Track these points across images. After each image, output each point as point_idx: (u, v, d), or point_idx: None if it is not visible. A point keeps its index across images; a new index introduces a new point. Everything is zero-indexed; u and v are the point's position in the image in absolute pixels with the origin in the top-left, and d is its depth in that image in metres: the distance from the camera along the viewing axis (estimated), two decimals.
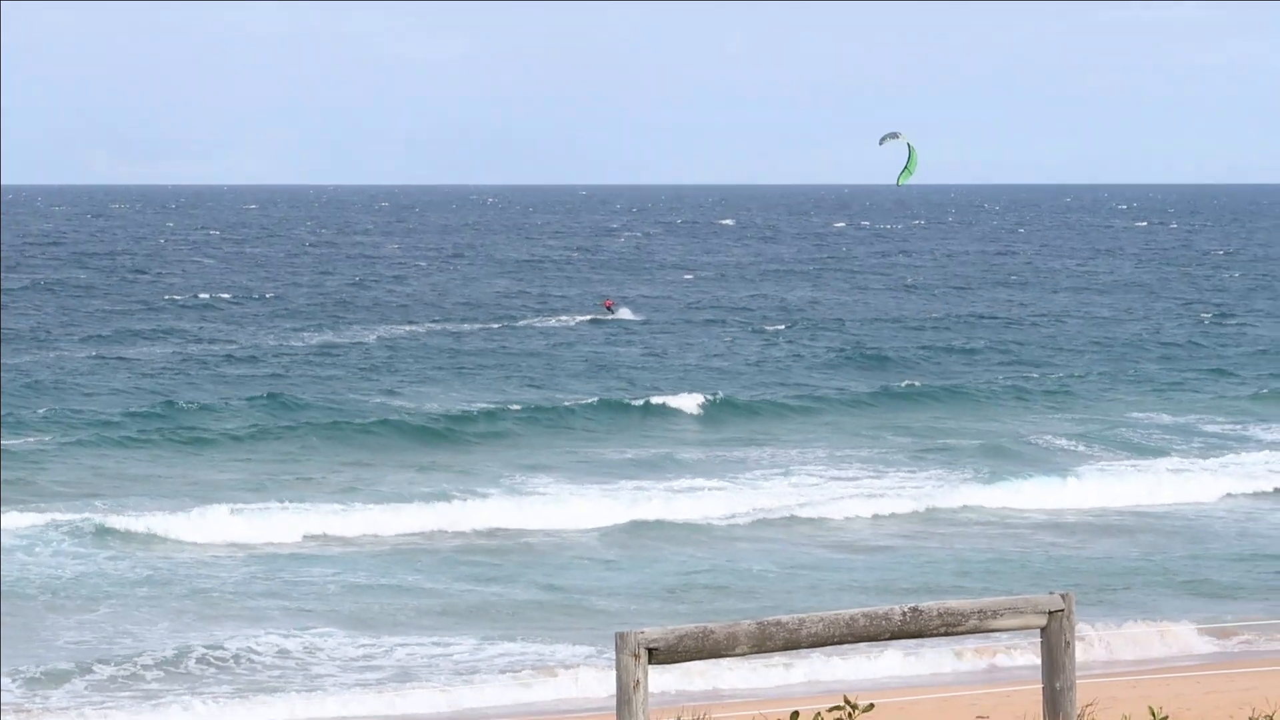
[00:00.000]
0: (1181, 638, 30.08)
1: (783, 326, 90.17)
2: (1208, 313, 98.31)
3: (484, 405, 58.44)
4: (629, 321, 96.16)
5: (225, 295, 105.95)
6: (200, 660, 29.76)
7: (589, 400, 59.74)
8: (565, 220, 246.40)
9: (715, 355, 76.98)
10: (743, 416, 57.89)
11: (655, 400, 59.72)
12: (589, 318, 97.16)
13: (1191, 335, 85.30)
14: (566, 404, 59.01)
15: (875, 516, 41.47)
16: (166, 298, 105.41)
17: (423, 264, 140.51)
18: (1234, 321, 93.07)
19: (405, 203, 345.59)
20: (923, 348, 78.38)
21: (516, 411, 57.22)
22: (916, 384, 64.37)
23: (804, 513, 41.72)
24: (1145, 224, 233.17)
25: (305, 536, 39.04)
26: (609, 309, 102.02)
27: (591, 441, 53.48)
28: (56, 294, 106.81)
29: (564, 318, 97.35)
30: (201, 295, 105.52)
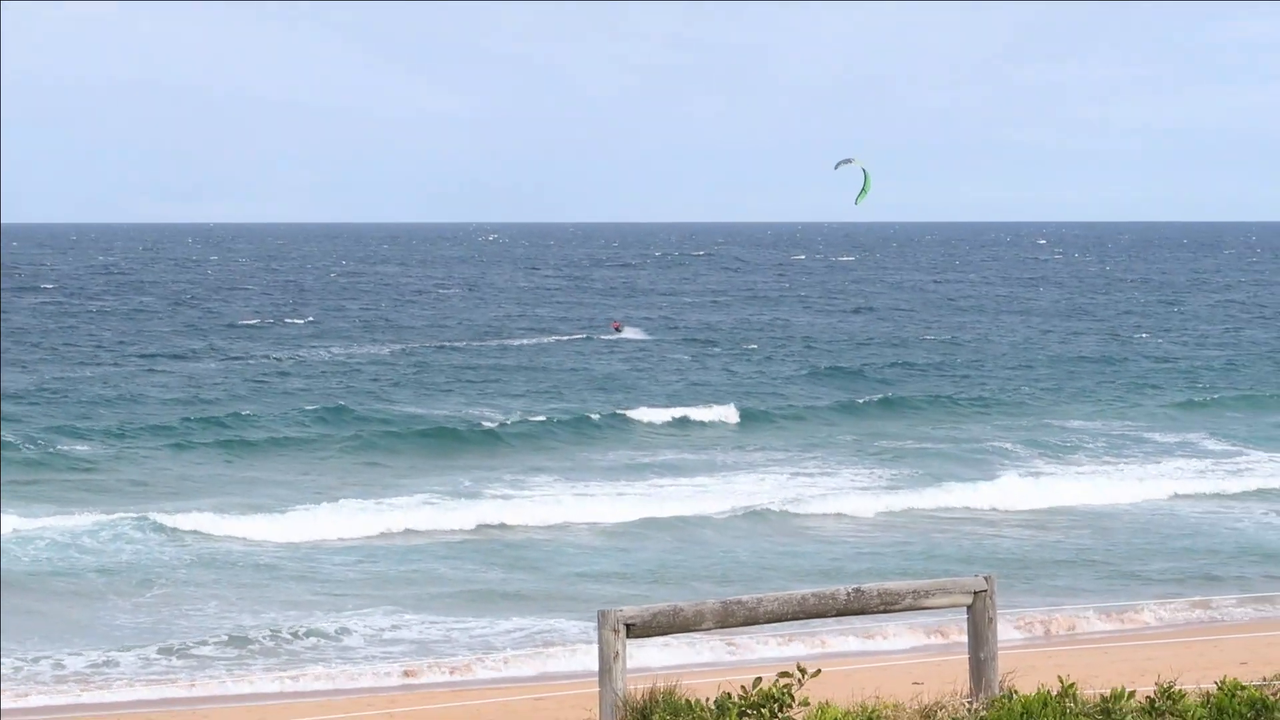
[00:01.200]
0: (1092, 616, 30.09)
1: (754, 346, 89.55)
2: (1123, 330, 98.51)
3: (508, 415, 57.98)
4: (634, 340, 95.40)
5: (269, 319, 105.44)
6: (242, 638, 29.61)
7: (603, 411, 59.19)
8: (560, 252, 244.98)
9: (706, 370, 76.48)
10: (727, 425, 57.64)
11: (657, 411, 59.38)
12: (599, 336, 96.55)
13: (1108, 351, 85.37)
14: (585, 414, 58.48)
15: (834, 514, 41.32)
16: (216, 320, 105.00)
17: (441, 291, 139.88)
18: (1145, 338, 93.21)
19: (413, 238, 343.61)
20: (875, 363, 77.92)
21: (537, 420, 56.80)
22: (874, 397, 63.82)
23: (772, 509, 41.59)
24: (1061, 255, 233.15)
25: (340, 531, 38.73)
26: (616, 329, 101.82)
27: (598, 446, 53.22)
28: (118, 317, 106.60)
29: (577, 336, 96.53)
30: (248, 320, 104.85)
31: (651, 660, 22.04)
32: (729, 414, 59.42)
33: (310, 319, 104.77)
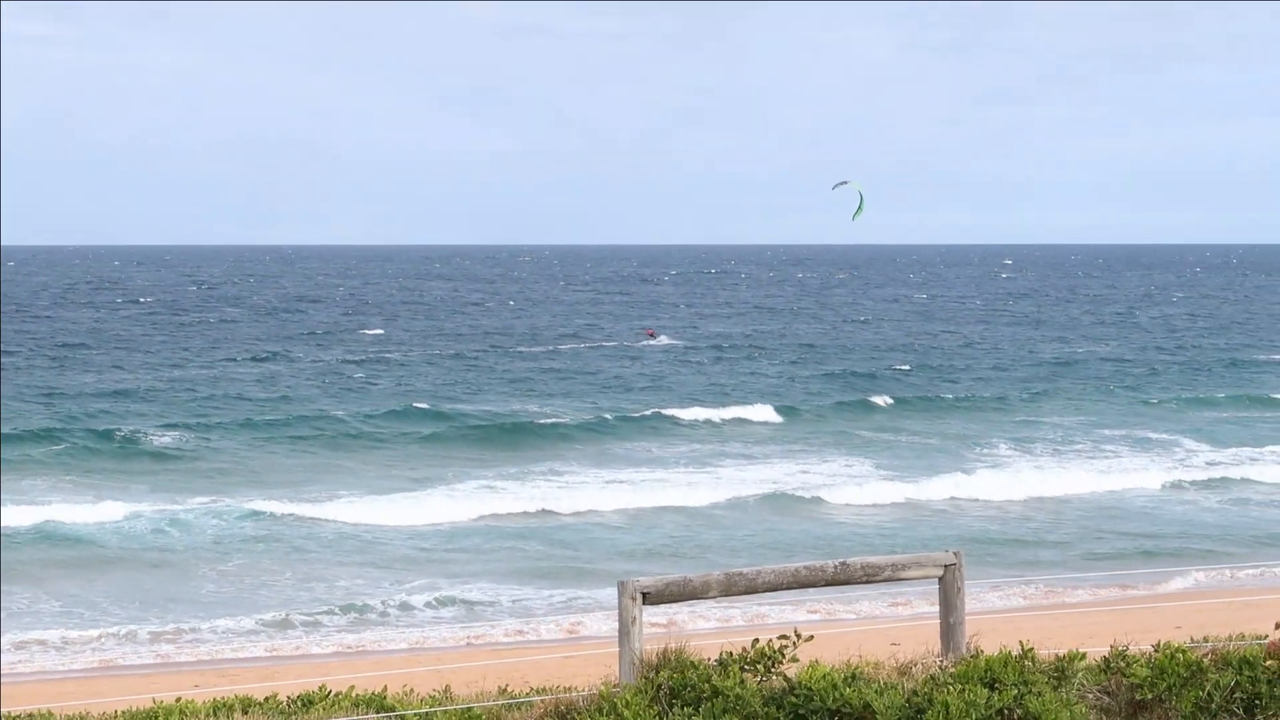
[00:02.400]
0: (1053, 587, 30.09)
1: (773, 351, 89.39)
2: (1081, 338, 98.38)
3: (562, 412, 57.93)
4: (667, 346, 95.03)
5: (342, 328, 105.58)
6: (315, 606, 29.77)
7: (642, 411, 58.71)
8: (592, 270, 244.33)
9: (732, 373, 76.29)
10: (751, 422, 57.28)
11: (697, 410, 58.98)
12: (636, 343, 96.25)
13: (1075, 354, 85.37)
14: (628, 412, 58.24)
15: (832, 500, 41.28)
16: (296, 328, 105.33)
17: (487, 304, 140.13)
18: (1107, 346, 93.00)
19: (457, 257, 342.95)
20: (877, 367, 78.09)
21: (588, 417, 56.64)
22: (875, 398, 63.26)
23: (776, 495, 41.68)
24: (1022, 271, 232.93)
25: (401, 516, 38.45)
26: (651, 336, 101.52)
27: (639, 439, 52.97)
28: (214, 326, 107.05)
29: (615, 343, 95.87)
30: (324, 329, 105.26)
31: (662, 617, 22.21)
32: (760, 412, 58.98)
33: (379, 330, 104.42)
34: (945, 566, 12.09)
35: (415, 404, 60.25)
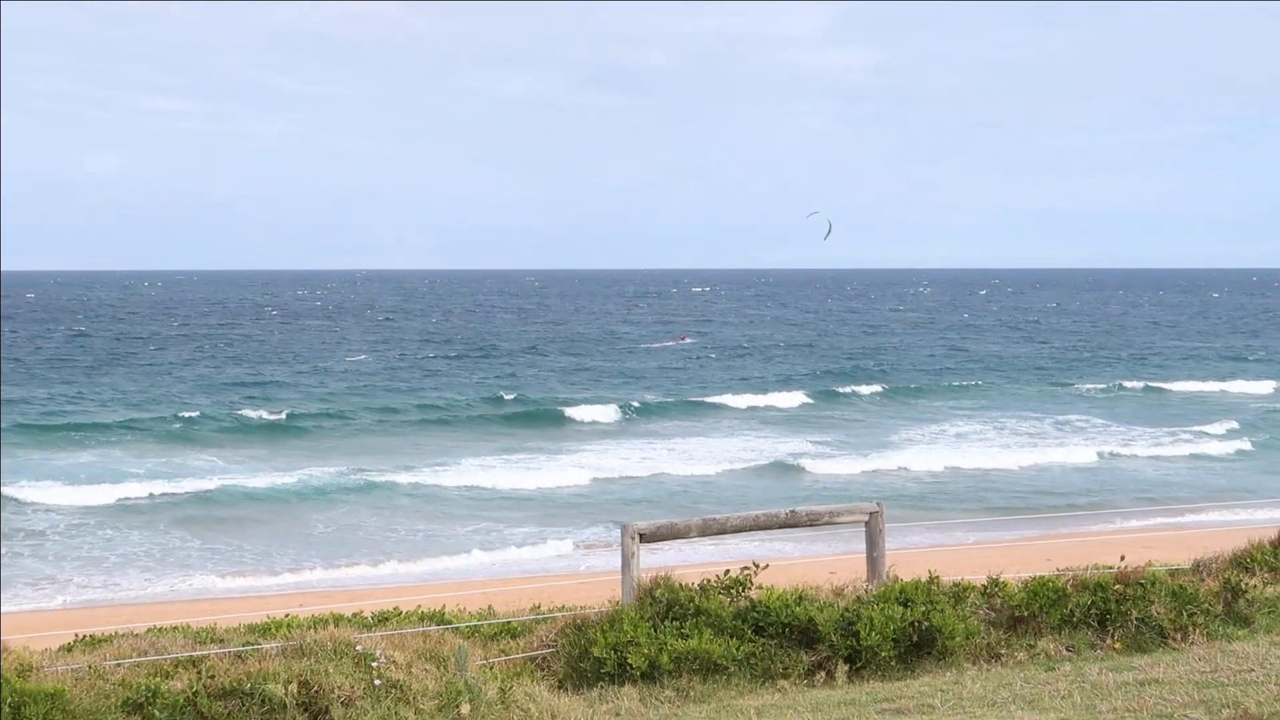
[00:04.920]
0: (953, 530, 30.12)
1: (767, 348, 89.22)
2: (994, 342, 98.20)
3: (615, 401, 56.67)
4: (696, 346, 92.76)
5: (435, 333, 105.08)
6: (391, 543, 30.01)
7: (668, 399, 58.12)
8: (611, 289, 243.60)
9: (756, 368, 75.63)
10: (765, 407, 56.68)
11: (709, 397, 58.62)
12: (669, 344, 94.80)
13: (1007, 353, 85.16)
14: (663, 400, 57.31)
15: (809, 468, 40.88)
16: (397, 333, 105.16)
17: (533, 316, 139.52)
18: (1020, 350, 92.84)
19: (489, 279, 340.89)
20: (846, 366, 77.78)
21: (632, 404, 55.51)
22: (843, 389, 62.79)
23: (754, 464, 41.50)
24: (935, 291, 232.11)
25: (464, 485, 37.73)
26: (682, 340, 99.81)
27: (660, 422, 52.22)
28: (327, 330, 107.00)
29: (654, 345, 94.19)
30: (425, 335, 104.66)
31: (655, 560, 22.24)
32: (775, 399, 58.20)
33: (458, 337, 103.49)
34: (870, 514, 12.18)
35: (502, 394, 59.69)
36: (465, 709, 9.27)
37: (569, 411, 53.56)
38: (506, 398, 58.37)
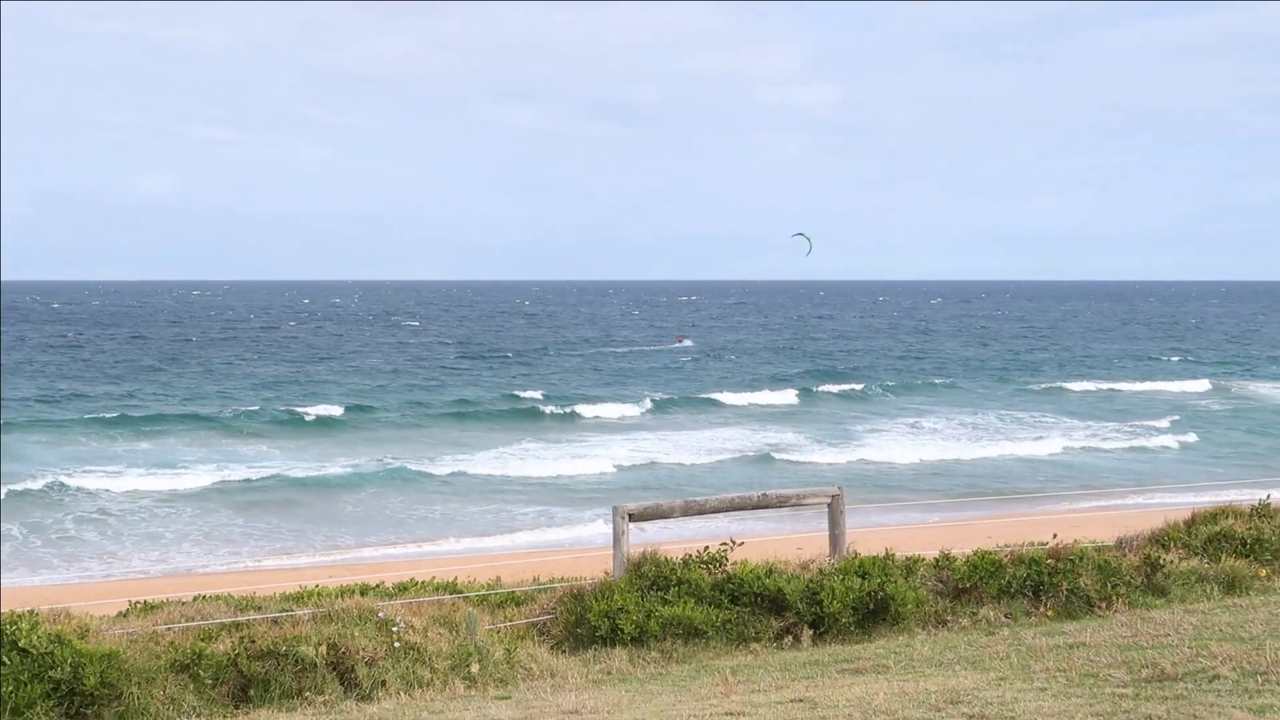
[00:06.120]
0: (908, 511, 30.05)
1: (781, 349, 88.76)
2: (952, 344, 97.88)
3: (611, 400, 55.93)
4: (693, 348, 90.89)
5: (465, 337, 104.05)
6: (410, 521, 30.02)
7: (670, 396, 57.13)
8: (610, 298, 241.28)
9: (747, 369, 74.77)
10: (743, 406, 55.73)
11: (707, 394, 57.93)
12: (668, 346, 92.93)
13: (971, 356, 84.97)
14: (669, 397, 56.62)
15: (786, 458, 40.65)
16: (414, 337, 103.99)
17: (547, 319, 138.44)
18: (985, 352, 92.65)
19: (497, 290, 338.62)
20: (821, 365, 77.51)
21: (624, 404, 54.24)
22: (824, 389, 62.01)
23: (739, 454, 41.19)
24: (891, 301, 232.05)
25: (480, 473, 37.04)
26: (680, 341, 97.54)
27: (662, 416, 51.63)
28: (349, 334, 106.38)
29: (652, 346, 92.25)
30: (456, 339, 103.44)
31: (644, 537, 22.21)
32: (765, 396, 57.27)
33: (477, 339, 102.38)
34: (832, 496, 12.18)
35: (517, 392, 59.01)
36: (475, 668, 9.29)
37: (580, 407, 53.02)
38: (521, 395, 57.89)
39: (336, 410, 51.36)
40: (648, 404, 54.67)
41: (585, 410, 52.38)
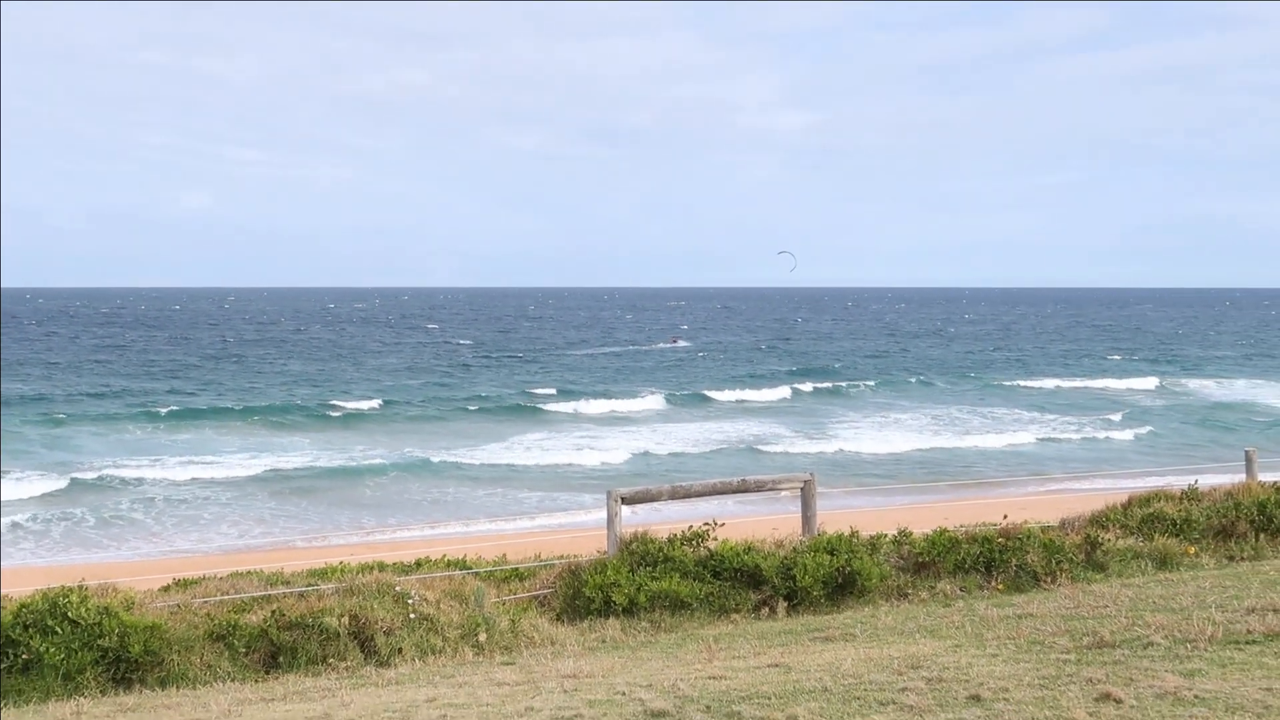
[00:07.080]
0: (874, 495, 29.98)
1: (763, 349, 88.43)
2: (922, 346, 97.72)
3: (614, 396, 55.41)
4: (687, 348, 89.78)
5: (482, 340, 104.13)
6: (423, 505, 29.80)
7: (664, 392, 56.67)
8: (608, 301, 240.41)
9: (733, 368, 74.49)
10: (730, 401, 55.35)
11: (697, 390, 57.69)
12: (662, 345, 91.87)
13: (947, 357, 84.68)
14: (670, 393, 56.21)
15: (770, 449, 40.44)
16: (432, 338, 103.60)
17: (532, 323, 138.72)
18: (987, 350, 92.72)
19: (506, 295, 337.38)
20: (801, 364, 77.42)
21: (627, 400, 53.57)
22: (821, 384, 61.91)
23: (724, 444, 41.01)
24: (860, 306, 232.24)
25: (490, 462, 36.60)
26: (674, 341, 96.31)
27: (653, 411, 51.23)
28: (372, 336, 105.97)
29: (649, 346, 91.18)
30: (474, 339, 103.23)
31: (636, 519, 22.15)
32: (755, 394, 56.80)
33: (489, 341, 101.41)
34: (805, 481, 12.18)
35: (526, 389, 58.65)
36: (483, 637, 9.29)
37: (583, 402, 52.72)
38: (532, 391, 57.54)
39: (363, 405, 51.15)
40: (646, 399, 54.26)
41: (588, 405, 51.98)
